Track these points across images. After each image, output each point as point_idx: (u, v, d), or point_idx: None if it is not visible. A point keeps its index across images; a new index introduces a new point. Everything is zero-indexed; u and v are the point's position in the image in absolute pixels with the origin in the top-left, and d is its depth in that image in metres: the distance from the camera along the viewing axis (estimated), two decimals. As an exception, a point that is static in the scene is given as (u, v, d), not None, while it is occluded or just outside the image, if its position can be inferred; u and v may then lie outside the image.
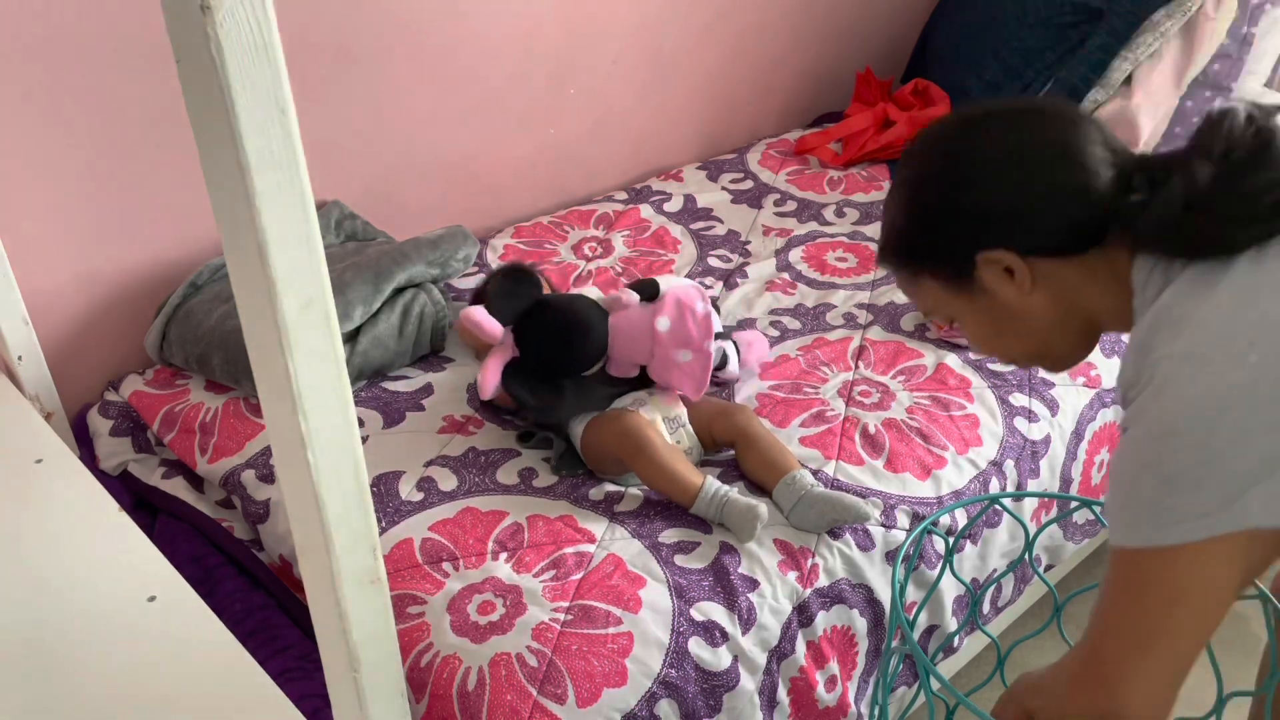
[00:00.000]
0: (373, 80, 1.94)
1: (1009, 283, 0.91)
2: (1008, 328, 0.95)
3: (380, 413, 1.63)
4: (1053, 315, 0.92)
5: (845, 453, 1.53)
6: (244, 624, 1.39)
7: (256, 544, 1.52)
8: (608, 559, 1.34)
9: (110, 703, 1.07)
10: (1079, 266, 0.90)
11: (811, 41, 2.76)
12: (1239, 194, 0.80)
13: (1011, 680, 0.99)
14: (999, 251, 0.90)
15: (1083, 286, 0.90)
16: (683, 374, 1.50)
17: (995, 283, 0.92)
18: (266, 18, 0.59)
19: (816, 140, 2.58)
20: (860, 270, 2.07)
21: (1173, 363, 0.78)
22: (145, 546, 1.27)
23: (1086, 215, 0.88)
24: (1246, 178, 0.80)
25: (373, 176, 2.03)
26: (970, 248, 0.91)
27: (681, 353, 1.48)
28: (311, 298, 0.68)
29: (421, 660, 1.22)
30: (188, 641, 1.15)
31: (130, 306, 1.77)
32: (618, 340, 1.51)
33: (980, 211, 0.90)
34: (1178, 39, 2.33)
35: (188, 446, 1.60)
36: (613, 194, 2.38)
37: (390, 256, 1.75)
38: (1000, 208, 0.89)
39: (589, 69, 2.29)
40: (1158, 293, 0.83)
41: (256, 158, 0.61)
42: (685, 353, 1.49)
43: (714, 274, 2.07)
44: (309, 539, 0.78)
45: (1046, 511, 1.62)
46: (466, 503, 1.44)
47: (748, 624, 1.29)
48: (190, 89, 0.62)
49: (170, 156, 1.71)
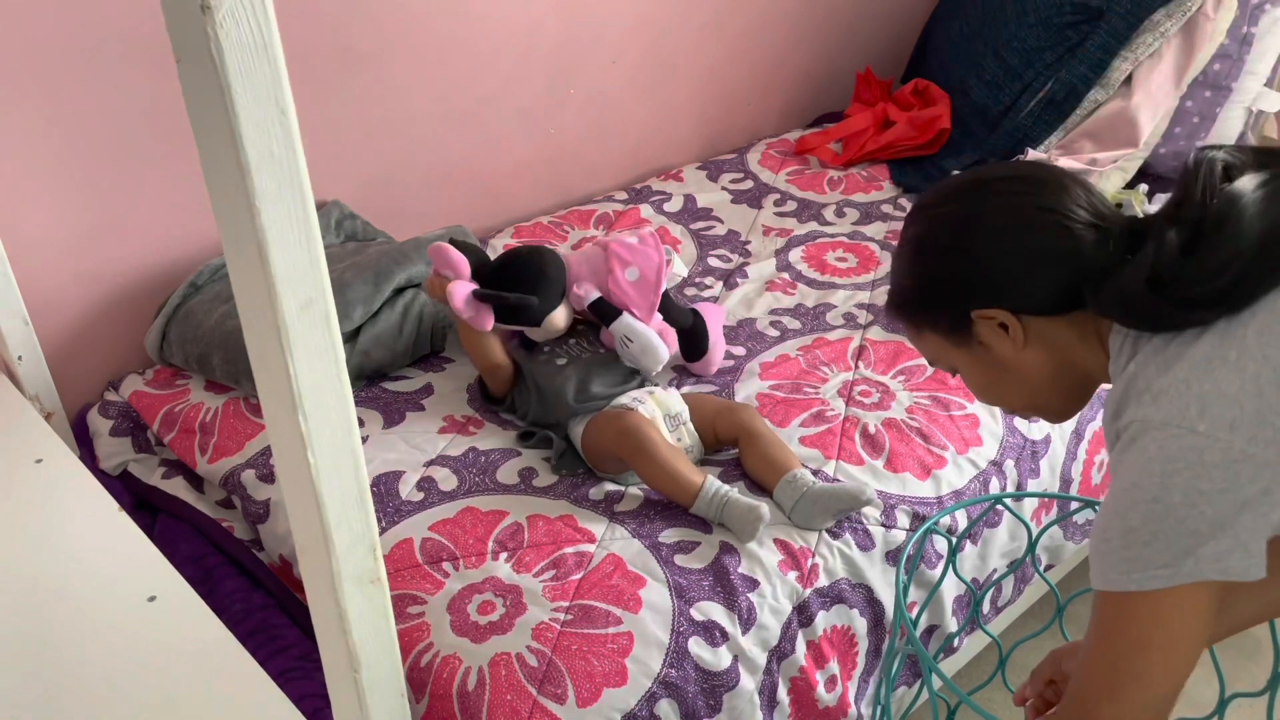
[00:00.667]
0: (373, 80, 1.94)
1: (1004, 338, 0.97)
2: (1003, 379, 1.01)
3: (380, 413, 1.63)
4: (1047, 370, 0.98)
5: (845, 453, 1.53)
6: (244, 624, 1.39)
7: (256, 544, 1.52)
8: (608, 559, 1.34)
9: (110, 703, 1.07)
10: (1068, 325, 0.96)
11: (811, 41, 2.76)
12: (1197, 275, 0.84)
13: (1012, 680, 1.00)
14: (992, 310, 0.96)
15: (1073, 344, 0.96)
16: (634, 289, 1.64)
17: (991, 338, 0.98)
18: (266, 18, 0.59)
19: (816, 140, 2.58)
20: (860, 270, 2.07)
21: (1138, 426, 0.84)
22: (145, 546, 1.27)
23: (1073, 278, 0.93)
24: (1209, 254, 0.84)
25: (373, 176, 2.03)
26: (966, 306, 0.97)
27: (629, 269, 1.62)
28: (311, 298, 0.68)
29: (421, 660, 1.22)
30: (188, 641, 1.14)
31: (130, 306, 1.77)
32: (573, 263, 1.67)
33: (976, 275, 0.97)
34: (1177, 39, 2.33)
35: (188, 446, 1.60)
36: (613, 194, 2.38)
37: (390, 256, 1.75)
38: (994, 272, 0.96)
39: (589, 69, 2.29)
40: (1128, 361, 0.89)
41: (256, 158, 0.61)
42: (633, 269, 1.62)
43: (714, 274, 2.06)
44: (309, 539, 0.78)
45: (1046, 511, 1.62)
46: (466, 503, 1.44)
47: (748, 624, 1.29)
48: (190, 89, 0.62)
49: (170, 157, 1.71)
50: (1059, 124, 2.41)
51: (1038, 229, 0.94)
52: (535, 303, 1.58)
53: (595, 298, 1.63)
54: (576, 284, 1.64)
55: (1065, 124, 2.40)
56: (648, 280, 1.64)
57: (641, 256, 1.65)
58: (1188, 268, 0.84)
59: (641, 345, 1.60)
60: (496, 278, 1.60)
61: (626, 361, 1.62)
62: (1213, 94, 2.35)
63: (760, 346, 1.81)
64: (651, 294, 1.64)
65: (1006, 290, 0.95)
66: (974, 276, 0.97)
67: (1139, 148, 2.33)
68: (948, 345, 1.02)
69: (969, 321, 0.98)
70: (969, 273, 0.97)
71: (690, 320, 1.70)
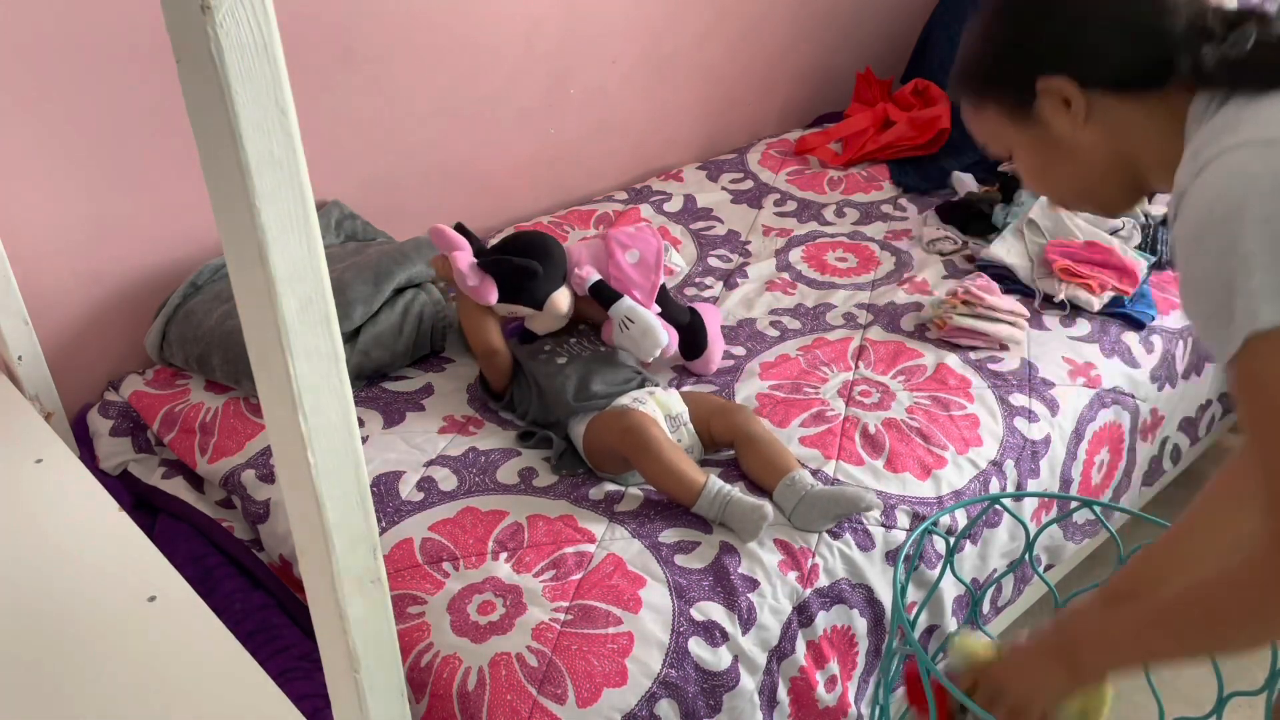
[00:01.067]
0: (373, 80, 1.94)
1: (1064, 114, 0.92)
2: (1056, 161, 0.96)
3: (380, 413, 1.63)
4: (1102, 154, 0.94)
5: (845, 452, 1.53)
6: (244, 624, 1.39)
7: (256, 544, 1.52)
8: (608, 559, 1.34)
9: (110, 703, 1.07)
10: (1137, 106, 0.91)
11: (811, 41, 2.76)
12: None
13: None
14: (1059, 79, 0.91)
15: (1136, 128, 0.92)
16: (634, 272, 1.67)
17: (1051, 114, 0.93)
18: (266, 18, 0.59)
19: (816, 140, 2.58)
20: (860, 270, 2.07)
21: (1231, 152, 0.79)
22: (145, 546, 1.27)
23: (1156, 54, 0.88)
24: None
25: (373, 176, 2.03)
26: (1034, 73, 0.92)
27: (629, 252, 1.66)
28: (311, 298, 0.67)
29: (421, 660, 1.22)
30: (188, 641, 1.14)
31: (130, 306, 1.77)
32: (574, 249, 1.71)
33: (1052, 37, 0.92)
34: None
35: (188, 446, 1.60)
36: (613, 194, 2.38)
37: (390, 256, 1.75)
38: (1072, 35, 0.91)
39: (589, 69, 2.29)
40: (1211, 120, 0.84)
41: (256, 158, 0.61)
42: (633, 252, 1.66)
43: (714, 274, 2.06)
44: (309, 539, 0.78)
45: (1046, 511, 1.62)
46: (466, 503, 1.44)
47: (748, 624, 1.29)
48: (190, 89, 0.62)
49: (170, 157, 1.71)
50: (1059, 124, 2.41)
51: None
52: (539, 269, 1.60)
53: (596, 279, 1.65)
54: (578, 266, 1.67)
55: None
56: (647, 262, 1.67)
57: (641, 241, 1.68)
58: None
59: (642, 327, 1.61)
60: (499, 254, 1.63)
61: (625, 345, 1.63)
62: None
63: (760, 346, 1.81)
64: (652, 274, 1.67)
65: (1082, 59, 0.91)
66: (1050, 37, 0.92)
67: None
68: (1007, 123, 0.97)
69: (1032, 94, 0.93)
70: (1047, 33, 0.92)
71: (688, 317, 1.70)
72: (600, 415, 1.52)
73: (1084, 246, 2.01)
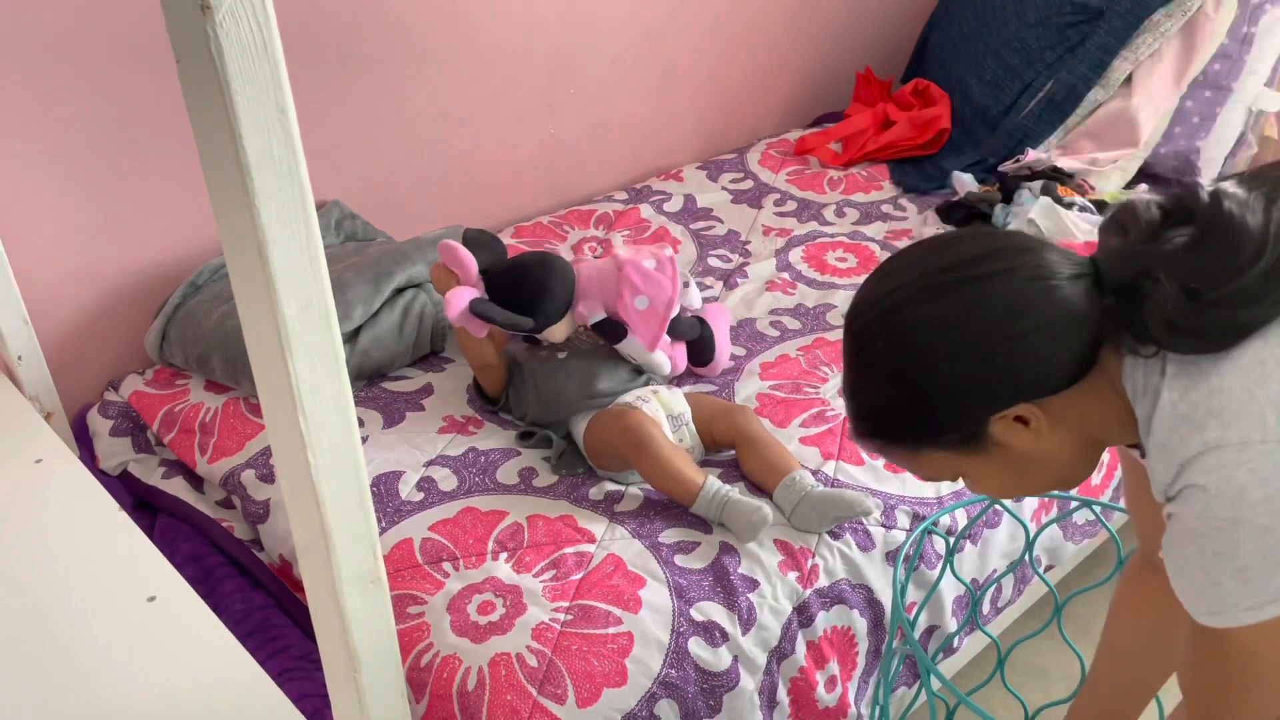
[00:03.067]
0: (373, 80, 1.94)
1: (1023, 432, 0.87)
2: (1028, 472, 0.92)
3: (380, 413, 1.63)
4: (1073, 446, 0.90)
5: (845, 452, 1.53)
6: (244, 624, 1.39)
7: (256, 544, 1.52)
8: (608, 559, 1.34)
9: (110, 703, 1.07)
10: (1083, 390, 0.86)
11: (811, 41, 2.76)
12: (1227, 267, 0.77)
13: (1011, 680, 0.99)
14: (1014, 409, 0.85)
15: (1093, 411, 0.87)
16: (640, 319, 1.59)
17: (1008, 436, 0.87)
18: (266, 18, 0.59)
19: (816, 140, 2.58)
20: (860, 270, 2.07)
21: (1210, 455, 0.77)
22: (145, 546, 1.27)
23: (1083, 339, 0.84)
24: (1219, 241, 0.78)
25: (373, 176, 2.03)
26: (986, 414, 0.86)
27: (640, 298, 1.57)
28: (311, 298, 0.68)
29: (421, 660, 1.22)
30: (188, 641, 1.15)
31: (130, 306, 1.77)
32: (584, 279, 1.61)
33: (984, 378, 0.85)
34: (1178, 39, 2.33)
35: (188, 446, 1.60)
36: (613, 194, 2.38)
37: (390, 256, 1.75)
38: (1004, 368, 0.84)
39: (589, 69, 2.29)
40: (1155, 395, 0.81)
41: (256, 158, 0.61)
42: (643, 299, 1.58)
43: (714, 274, 2.06)
44: (309, 539, 0.78)
45: (1046, 512, 1.62)
46: (466, 503, 1.44)
47: (748, 624, 1.29)
48: (190, 89, 0.62)
49: (170, 156, 1.71)
50: (1059, 124, 2.41)
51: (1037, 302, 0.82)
52: (530, 324, 1.56)
53: (600, 318, 1.60)
54: (583, 303, 1.60)
55: (1065, 124, 2.41)
56: (656, 313, 1.58)
57: (655, 286, 1.57)
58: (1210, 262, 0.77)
59: (644, 361, 1.60)
60: (501, 286, 1.58)
61: (629, 358, 1.62)
62: (1213, 94, 2.35)
63: (760, 346, 1.81)
64: (657, 327, 1.58)
65: (1025, 382, 0.84)
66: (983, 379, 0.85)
67: (1139, 147, 2.33)
68: (956, 458, 0.90)
69: (984, 428, 0.87)
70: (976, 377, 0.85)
71: (696, 333, 1.68)
72: (601, 413, 1.53)
73: (1084, 247, 2.01)
